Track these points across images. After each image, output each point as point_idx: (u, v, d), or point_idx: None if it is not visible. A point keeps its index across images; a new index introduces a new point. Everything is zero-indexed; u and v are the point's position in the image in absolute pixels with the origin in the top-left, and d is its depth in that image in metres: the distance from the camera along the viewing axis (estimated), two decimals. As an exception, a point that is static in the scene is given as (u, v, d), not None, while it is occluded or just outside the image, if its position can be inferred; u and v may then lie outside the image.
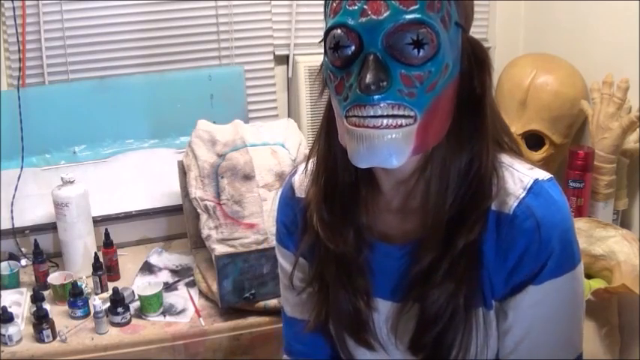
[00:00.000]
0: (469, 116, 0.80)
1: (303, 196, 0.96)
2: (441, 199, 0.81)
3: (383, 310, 0.91)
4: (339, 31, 0.74)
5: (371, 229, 0.89)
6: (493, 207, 0.82)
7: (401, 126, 0.73)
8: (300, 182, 0.97)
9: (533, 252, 0.80)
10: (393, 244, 0.88)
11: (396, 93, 0.72)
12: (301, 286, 0.98)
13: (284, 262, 1.02)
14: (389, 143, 0.73)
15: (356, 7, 0.73)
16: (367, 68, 0.71)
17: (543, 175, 0.83)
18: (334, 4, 0.76)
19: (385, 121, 0.73)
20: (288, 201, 0.99)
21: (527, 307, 0.83)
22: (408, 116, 0.74)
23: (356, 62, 0.74)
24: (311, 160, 0.92)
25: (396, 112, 0.73)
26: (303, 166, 0.97)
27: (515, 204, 0.80)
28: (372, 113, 0.73)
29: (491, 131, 0.82)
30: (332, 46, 0.75)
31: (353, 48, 0.74)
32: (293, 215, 0.97)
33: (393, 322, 0.90)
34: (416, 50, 0.72)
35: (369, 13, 0.72)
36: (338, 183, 0.87)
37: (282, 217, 1.01)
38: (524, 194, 0.81)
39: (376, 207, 0.89)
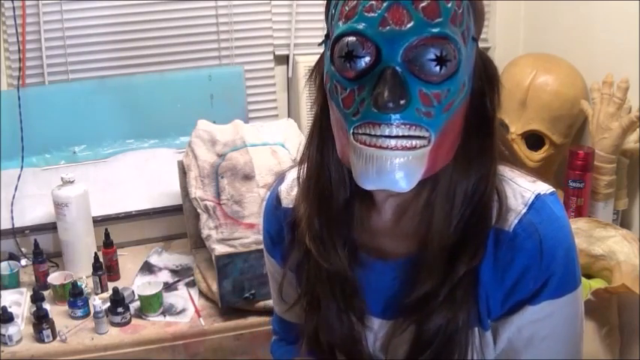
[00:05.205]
0: (477, 136, 0.75)
1: (290, 206, 0.89)
2: (446, 222, 0.75)
3: (376, 328, 0.87)
4: (353, 38, 0.66)
5: (365, 246, 0.84)
6: None
7: (414, 148, 0.67)
8: (287, 192, 0.91)
9: (533, 272, 0.76)
10: (387, 261, 0.83)
11: (415, 112, 0.66)
12: (293, 297, 0.94)
13: (271, 269, 0.99)
14: (400, 166, 0.67)
15: (375, 15, 0.65)
16: (385, 84, 0.64)
17: (545, 188, 0.78)
18: (346, 7, 0.68)
19: (399, 142, 0.66)
20: (274, 211, 0.93)
21: (523, 327, 0.78)
22: (423, 137, 0.67)
23: (370, 75, 0.66)
24: (301, 171, 0.85)
25: (412, 133, 0.67)
26: (290, 174, 0.92)
27: (516, 221, 0.75)
28: (386, 133, 0.66)
29: (498, 151, 0.77)
30: (343, 54, 0.67)
31: (368, 59, 0.66)
32: (278, 226, 0.92)
33: (384, 342, 0.86)
34: (438, 67, 0.65)
35: (391, 22, 0.64)
36: (332, 199, 0.81)
37: (267, 227, 0.95)
38: (524, 210, 0.76)
39: (372, 225, 0.83)
